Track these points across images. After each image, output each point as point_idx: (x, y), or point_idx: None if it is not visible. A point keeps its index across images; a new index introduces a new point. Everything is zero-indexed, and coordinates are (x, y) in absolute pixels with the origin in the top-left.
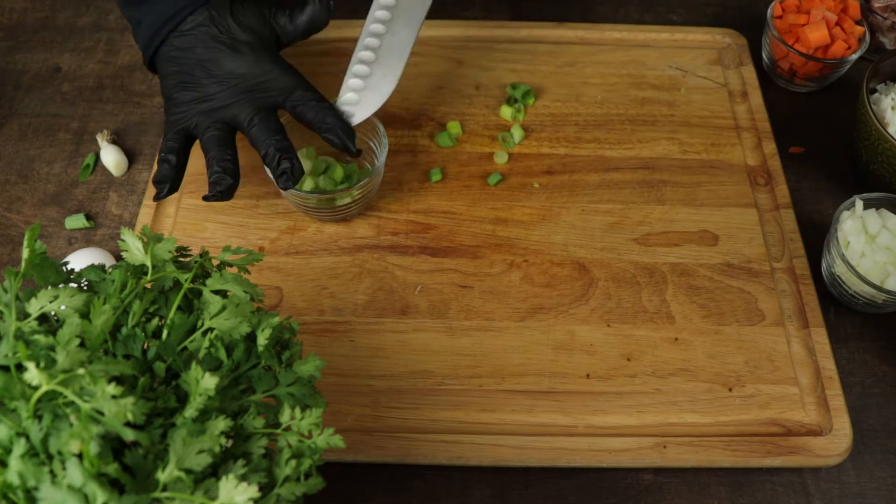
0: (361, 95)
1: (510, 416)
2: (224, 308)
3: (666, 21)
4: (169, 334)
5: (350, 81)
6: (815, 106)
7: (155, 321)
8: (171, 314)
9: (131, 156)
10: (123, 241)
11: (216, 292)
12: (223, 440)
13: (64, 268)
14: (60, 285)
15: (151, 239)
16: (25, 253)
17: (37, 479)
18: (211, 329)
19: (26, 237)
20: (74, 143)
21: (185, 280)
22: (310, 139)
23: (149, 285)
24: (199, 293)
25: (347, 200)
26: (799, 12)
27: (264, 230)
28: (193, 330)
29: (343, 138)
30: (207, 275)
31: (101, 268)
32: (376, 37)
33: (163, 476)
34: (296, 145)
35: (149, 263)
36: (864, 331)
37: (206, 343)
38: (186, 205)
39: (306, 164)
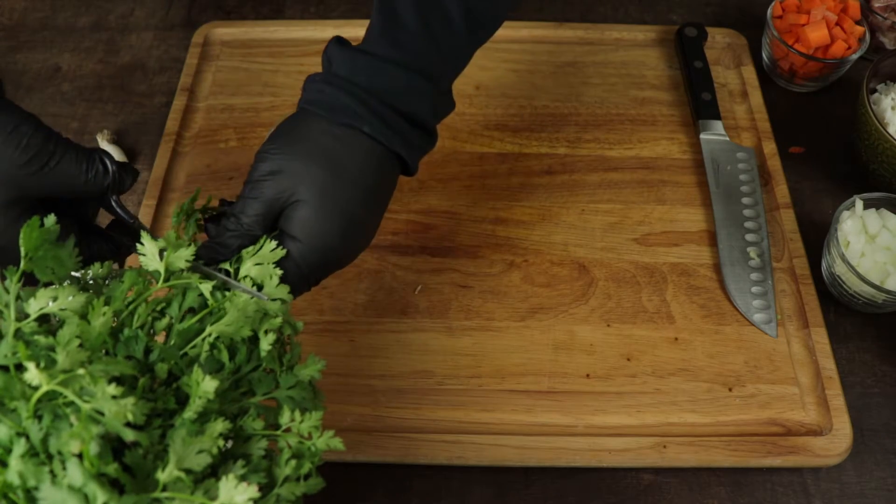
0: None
1: (510, 416)
2: (225, 313)
3: (666, 21)
4: (173, 338)
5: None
6: (815, 106)
7: (165, 320)
8: (178, 324)
9: (131, 156)
10: (142, 244)
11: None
12: (221, 442)
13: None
14: (63, 278)
15: (171, 246)
16: (23, 252)
17: (37, 479)
18: (210, 333)
19: (22, 235)
20: None
21: (214, 303)
22: None
23: (163, 291)
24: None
25: None
26: (799, 12)
27: None
28: (200, 331)
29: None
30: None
31: (109, 266)
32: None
33: (163, 476)
34: None
35: (162, 270)
36: (864, 331)
37: (207, 346)
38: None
39: None
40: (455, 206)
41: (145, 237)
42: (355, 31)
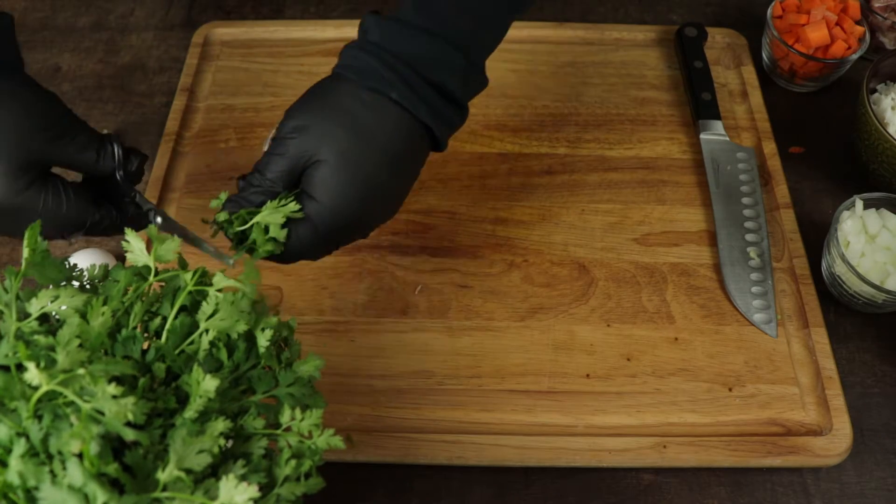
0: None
1: (510, 416)
2: (218, 309)
3: (666, 21)
4: (168, 338)
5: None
6: (815, 106)
7: (158, 320)
8: (171, 318)
9: None
10: (127, 241)
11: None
12: (222, 441)
13: (66, 264)
14: (63, 283)
15: (156, 240)
16: (26, 252)
17: (37, 479)
18: (207, 331)
19: (26, 236)
20: None
21: (190, 282)
22: None
23: (157, 286)
24: (206, 293)
25: None
26: (799, 12)
27: None
28: (194, 329)
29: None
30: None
31: (105, 268)
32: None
33: (163, 476)
34: None
35: (152, 265)
36: (864, 331)
37: (205, 344)
38: (186, 205)
39: None
40: (455, 206)
41: (129, 233)
42: (356, 31)
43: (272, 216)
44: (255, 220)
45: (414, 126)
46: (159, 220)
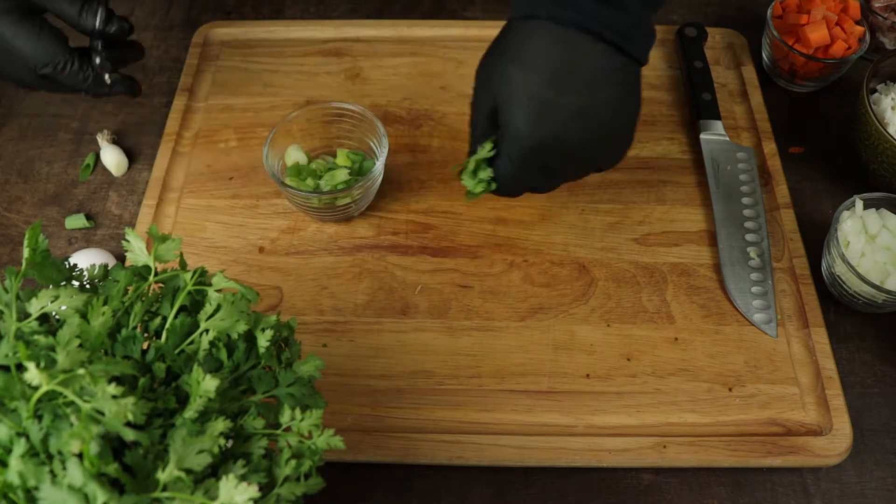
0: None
1: (510, 416)
2: (220, 308)
3: (666, 21)
4: (168, 337)
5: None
6: (815, 106)
7: (157, 320)
8: (171, 318)
9: (131, 156)
10: (128, 241)
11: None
12: (222, 441)
13: (66, 264)
14: (62, 283)
15: (156, 239)
16: (26, 252)
17: (37, 479)
18: (207, 331)
19: (27, 236)
20: (74, 143)
21: (189, 282)
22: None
23: (156, 286)
24: (205, 294)
25: (348, 200)
26: (799, 12)
27: (264, 230)
28: (194, 329)
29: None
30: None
31: (105, 268)
32: None
33: (163, 476)
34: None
35: (152, 265)
36: (864, 331)
37: (205, 344)
38: (186, 205)
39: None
40: (455, 206)
41: (129, 232)
42: (356, 31)
43: (473, 161)
44: (466, 166)
45: (579, 39)
46: (108, 76)
